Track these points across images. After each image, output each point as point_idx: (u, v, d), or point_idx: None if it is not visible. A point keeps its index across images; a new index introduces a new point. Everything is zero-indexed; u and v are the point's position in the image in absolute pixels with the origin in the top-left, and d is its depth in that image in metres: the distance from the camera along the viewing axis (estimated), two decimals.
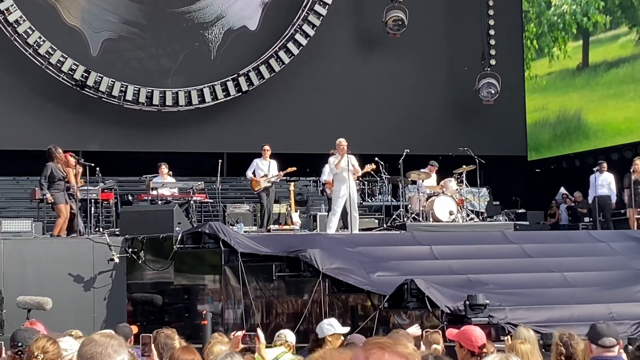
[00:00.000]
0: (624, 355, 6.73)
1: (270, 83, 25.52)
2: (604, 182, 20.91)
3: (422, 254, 16.51)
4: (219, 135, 25.54)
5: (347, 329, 9.20)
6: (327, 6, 25.62)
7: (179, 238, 16.73)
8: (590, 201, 21.56)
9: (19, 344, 6.25)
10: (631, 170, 20.34)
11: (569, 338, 7.51)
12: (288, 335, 9.55)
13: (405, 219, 19.69)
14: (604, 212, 21.03)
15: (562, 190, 25.34)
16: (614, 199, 21.07)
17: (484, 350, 7.09)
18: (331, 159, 18.31)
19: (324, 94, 26.09)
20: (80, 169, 18.30)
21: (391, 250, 16.71)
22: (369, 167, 19.98)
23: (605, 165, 21.18)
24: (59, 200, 17.55)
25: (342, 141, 18.22)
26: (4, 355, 7.02)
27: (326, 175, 20.08)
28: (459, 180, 20.77)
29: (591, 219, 21.93)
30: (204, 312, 15.36)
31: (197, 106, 25.12)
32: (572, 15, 26.64)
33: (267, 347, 9.68)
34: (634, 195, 20.07)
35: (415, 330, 9.49)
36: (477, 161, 21.13)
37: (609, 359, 6.48)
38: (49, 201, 17.68)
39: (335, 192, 18.29)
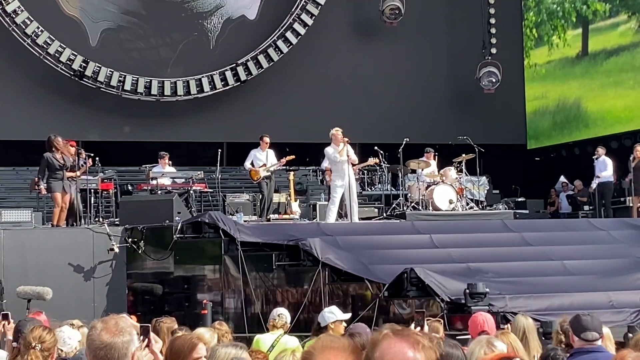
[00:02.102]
0: (610, 347, 6.73)
1: (268, 72, 25.49)
2: (603, 167, 20.88)
3: (422, 243, 16.52)
4: (218, 125, 25.52)
5: (348, 315, 9.25)
6: None
7: (178, 228, 16.72)
8: (594, 187, 21.55)
9: None
10: (632, 157, 20.33)
11: (569, 326, 7.53)
12: (287, 316, 9.66)
13: (405, 208, 19.68)
14: (605, 199, 21.02)
15: (562, 178, 25.33)
16: (612, 180, 21.06)
17: None
18: (329, 150, 18.23)
19: (322, 84, 26.06)
20: (83, 163, 18.25)
21: (391, 239, 16.71)
22: (372, 161, 19.97)
23: (601, 150, 21.14)
24: (56, 189, 17.49)
25: (336, 132, 18.12)
26: (9, 337, 6.98)
27: (327, 162, 20.07)
28: (458, 169, 20.75)
29: (591, 207, 21.93)
30: (205, 301, 15.38)
31: (195, 96, 25.10)
32: (571, 4, 26.59)
33: (263, 332, 9.78)
34: (634, 183, 20.04)
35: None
36: (477, 150, 21.11)
37: (591, 350, 6.49)
38: (42, 192, 17.74)
39: (334, 181, 18.27)
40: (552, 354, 6.80)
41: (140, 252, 17.20)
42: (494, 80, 26.17)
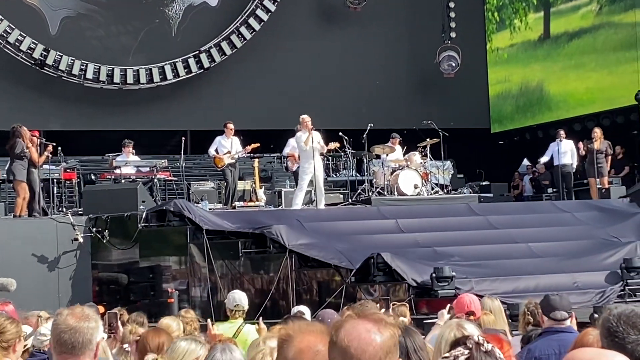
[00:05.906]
0: (574, 326, 6.79)
1: (232, 59, 25.37)
2: (567, 150, 20.97)
3: (388, 228, 16.55)
4: (181, 113, 25.38)
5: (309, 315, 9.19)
6: None
7: (143, 216, 16.60)
8: (547, 161, 21.90)
9: None
10: (592, 139, 20.48)
11: (535, 307, 7.59)
12: (244, 302, 9.49)
13: (370, 194, 19.68)
14: (566, 181, 21.14)
15: (526, 161, 25.48)
16: (575, 164, 21.18)
17: (472, 317, 7.19)
18: (299, 135, 18.17)
19: (286, 70, 25.98)
20: (46, 152, 18.04)
21: (357, 224, 16.73)
22: (333, 145, 19.92)
23: (563, 133, 21.27)
24: (22, 177, 17.24)
25: (306, 118, 18.07)
26: None
27: (289, 148, 20.03)
28: (423, 153, 20.79)
29: (555, 190, 22.07)
30: (171, 290, 15.32)
31: (158, 84, 24.93)
32: None
33: (222, 320, 9.68)
34: (596, 165, 20.20)
35: None
36: (441, 134, 21.16)
37: (560, 330, 6.56)
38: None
39: (302, 168, 18.25)
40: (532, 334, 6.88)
41: (104, 241, 17.08)
42: (453, 64, 26.20)
